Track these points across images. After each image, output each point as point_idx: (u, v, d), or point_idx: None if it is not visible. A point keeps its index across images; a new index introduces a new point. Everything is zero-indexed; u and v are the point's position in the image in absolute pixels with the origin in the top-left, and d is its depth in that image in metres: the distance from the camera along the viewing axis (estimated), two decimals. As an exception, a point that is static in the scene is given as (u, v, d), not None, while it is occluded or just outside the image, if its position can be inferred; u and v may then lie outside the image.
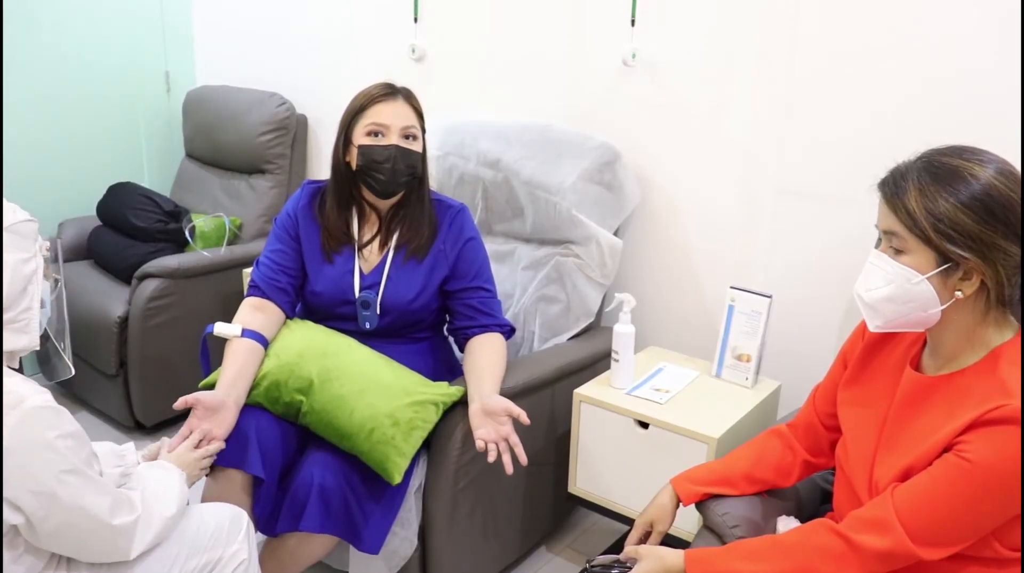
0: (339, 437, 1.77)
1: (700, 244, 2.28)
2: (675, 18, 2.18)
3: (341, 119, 1.94)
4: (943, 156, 1.21)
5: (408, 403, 1.78)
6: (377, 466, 1.75)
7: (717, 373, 2.06)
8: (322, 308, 1.96)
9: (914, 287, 1.21)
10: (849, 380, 1.44)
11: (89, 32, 3.10)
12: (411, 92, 1.95)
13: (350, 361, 1.83)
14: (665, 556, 1.34)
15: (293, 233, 1.97)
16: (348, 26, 2.92)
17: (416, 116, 1.92)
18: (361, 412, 1.74)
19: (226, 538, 1.52)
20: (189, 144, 3.28)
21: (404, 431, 1.76)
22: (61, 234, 3.06)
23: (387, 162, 1.86)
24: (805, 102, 2.02)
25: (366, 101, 1.89)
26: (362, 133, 1.88)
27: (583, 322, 2.25)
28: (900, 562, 1.20)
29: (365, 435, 1.73)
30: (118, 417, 2.79)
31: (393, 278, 1.94)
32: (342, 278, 1.94)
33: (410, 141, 1.90)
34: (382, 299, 1.93)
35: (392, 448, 1.74)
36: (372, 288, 1.93)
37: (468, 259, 1.99)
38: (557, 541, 2.34)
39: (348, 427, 1.75)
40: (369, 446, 1.74)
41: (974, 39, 1.77)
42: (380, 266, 1.95)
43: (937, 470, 1.18)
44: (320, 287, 1.94)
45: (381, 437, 1.73)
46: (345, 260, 1.95)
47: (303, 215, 1.98)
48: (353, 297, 1.93)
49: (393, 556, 1.87)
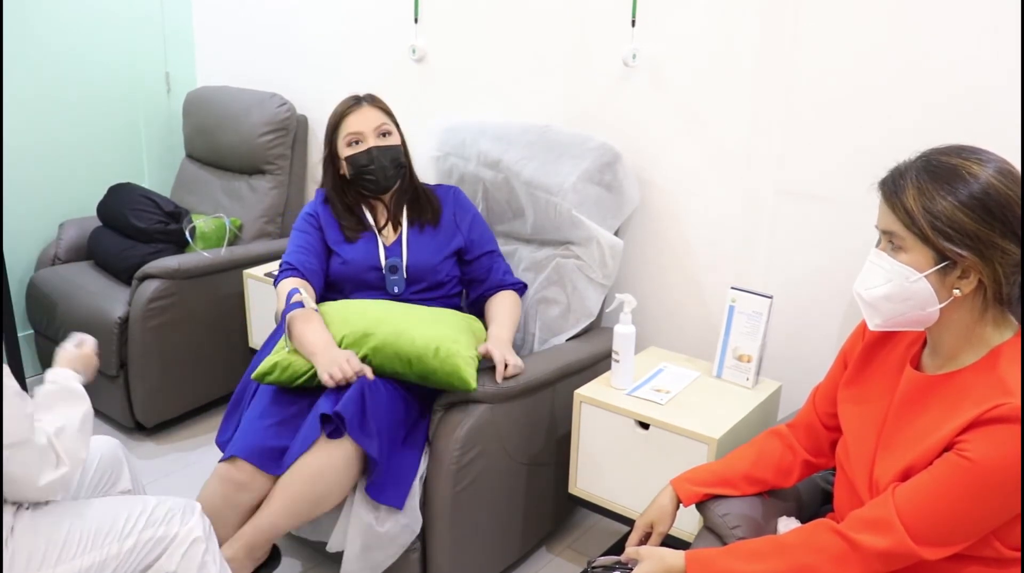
0: (408, 363, 1.88)
1: (701, 245, 2.28)
2: (675, 18, 2.18)
3: (324, 141, 2.16)
4: (942, 155, 1.22)
5: (458, 325, 1.99)
6: (451, 377, 1.87)
7: (718, 374, 2.06)
8: (352, 277, 2.11)
9: (912, 285, 1.21)
10: (849, 380, 1.44)
11: (89, 33, 3.11)
12: (375, 96, 2.17)
13: (392, 309, 2.01)
14: (666, 556, 1.34)
15: (316, 225, 2.15)
16: (348, 27, 2.92)
17: (385, 115, 2.14)
18: (422, 336, 1.88)
19: (180, 519, 1.56)
20: (189, 145, 3.28)
21: (466, 343, 1.93)
22: (61, 235, 3.06)
23: (371, 163, 2.10)
24: (805, 102, 2.02)
25: (338, 118, 2.13)
26: (344, 146, 2.12)
27: (583, 323, 2.25)
28: (901, 562, 1.20)
29: (432, 354, 1.86)
30: (118, 418, 2.79)
31: (414, 246, 2.14)
32: (368, 250, 2.13)
33: (385, 138, 2.12)
34: (407, 264, 2.11)
35: (460, 358, 1.88)
36: (396, 254, 2.12)
37: (479, 230, 2.23)
38: (557, 541, 2.34)
39: (414, 350, 1.87)
40: (439, 362, 1.86)
41: (974, 38, 1.77)
42: (399, 240, 2.15)
43: (938, 469, 1.18)
44: (349, 256, 2.12)
45: (447, 351, 1.87)
46: (367, 240, 2.14)
47: (323, 211, 2.17)
48: (379, 264, 2.11)
49: (392, 543, 1.87)
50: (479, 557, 2.04)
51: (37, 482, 1.41)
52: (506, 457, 2.01)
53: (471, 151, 2.40)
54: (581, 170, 2.21)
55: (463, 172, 2.42)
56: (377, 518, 1.84)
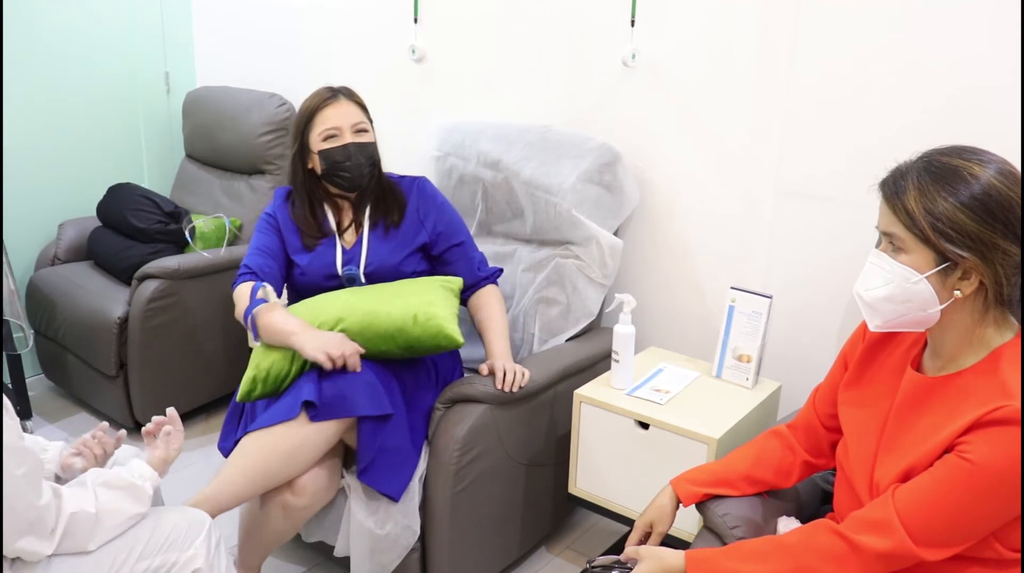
0: (391, 338, 1.86)
1: (700, 245, 2.28)
2: (675, 18, 2.18)
3: (293, 131, 2.08)
4: (943, 156, 1.21)
5: (428, 287, 1.96)
6: (436, 339, 1.86)
7: (717, 374, 2.06)
8: (310, 286, 2.04)
9: (913, 286, 1.21)
10: (850, 381, 1.43)
11: (89, 33, 3.10)
12: (351, 90, 2.09)
13: (359, 292, 1.97)
14: (666, 556, 1.34)
15: (276, 226, 2.08)
16: (348, 27, 2.92)
17: (361, 110, 2.07)
18: (397, 309, 1.86)
19: (182, 542, 1.49)
20: (189, 145, 3.28)
21: (441, 302, 1.91)
22: (61, 235, 3.06)
23: (348, 160, 2.01)
24: (805, 103, 2.02)
25: (313, 109, 2.03)
26: (318, 139, 2.02)
27: (583, 323, 2.25)
28: (901, 563, 1.20)
29: (411, 323, 1.85)
30: (118, 418, 2.78)
31: (373, 248, 2.06)
32: (325, 257, 2.05)
33: (362, 135, 2.04)
34: (365, 269, 2.03)
35: (440, 318, 1.86)
36: (353, 262, 2.04)
37: (445, 221, 2.13)
38: (557, 542, 2.34)
39: (393, 325, 1.85)
40: (420, 329, 1.85)
41: (974, 38, 1.77)
42: (358, 242, 2.07)
43: (938, 471, 1.18)
44: (306, 265, 2.05)
45: (426, 315, 1.85)
46: (326, 247, 2.06)
47: (282, 215, 2.09)
48: (336, 272, 2.03)
49: (395, 545, 1.87)
50: (479, 557, 2.04)
51: (12, 542, 1.30)
52: (506, 457, 2.01)
53: (471, 151, 2.40)
54: (581, 170, 2.21)
55: (463, 172, 2.42)
56: (376, 522, 1.84)
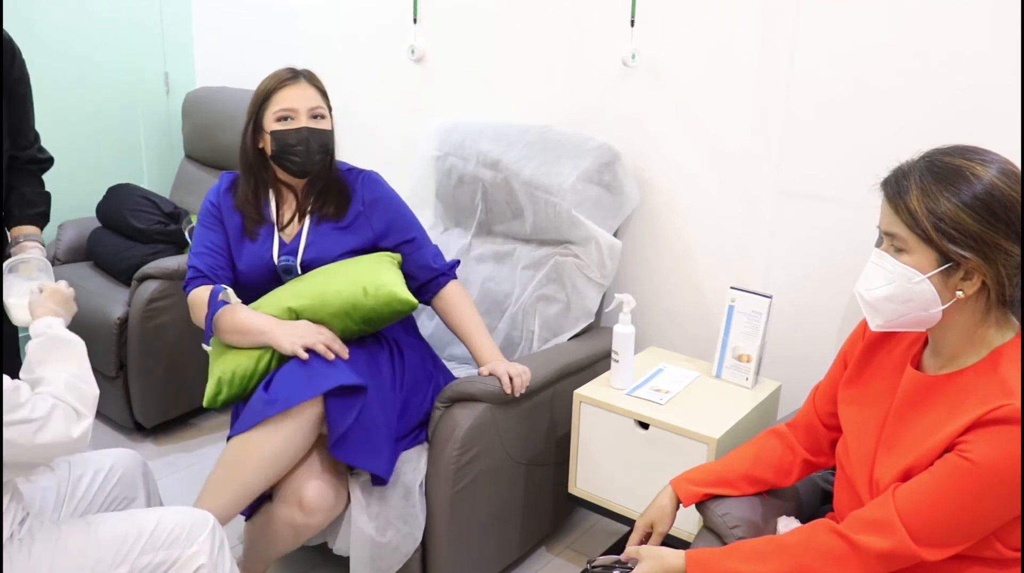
0: (347, 316, 1.85)
1: (700, 245, 2.28)
2: (675, 18, 2.18)
3: (248, 108, 2.00)
4: (945, 156, 1.21)
5: (368, 262, 1.94)
6: (390, 306, 1.86)
7: (717, 373, 2.06)
8: (248, 285, 1.99)
9: (915, 287, 1.21)
10: (849, 379, 1.43)
11: (89, 34, 3.10)
12: (313, 74, 2.02)
13: (301, 281, 1.94)
14: (666, 556, 1.34)
15: (219, 219, 2.02)
16: (347, 26, 2.92)
17: (321, 96, 2.00)
18: (343, 285, 1.86)
19: (185, 540, 1.49)
20: (188, 145, 3.28)
21: (387, 269, 1.90)
22: (61, 236, 3.06)
23: (300, 144, 1.94)
24: (805, 102, 2.02)
25: (271, 88, 1.97)
26: (272, 119, 1.95)
27: (583, 322, 2.25)
28: (902, 563, 1.20)
29: (362, 295, 1.84)
30: (118, 419, 2.78)
31: (312, 242, 1.99)
32: (262, 251, 1.99)
33: (318, 120, 1.97)
34: (302, 262, 1.98)
35: (390, 285, 1.86)
36: (291, 254, 1.98)
37: (391, 217, 2.06)
38: (557, 542, 2.34)
39: (344, 301, 1.84)
40: (373, 299, 1.84)
41: (974, 37, 1.77)
42: (298, 235, 2.01)
43: (939, 470, 1.18)
44: (243, 264, 2.00)
45: (375, 285, 1.85)
46: (265, 238, 2.01)
47: (224, 202, 2.03)
48: (273, 263, 1.98)
49: (395, 553, 1.87)
50: (479, 557, 2.04)
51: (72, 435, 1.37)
52: (506, 457, 2.00)
53: (470, 151, 2.39)
54: (580, 170, 2.20)
55: (462, 172, 2.42)
56: (377, 529, 1.84)
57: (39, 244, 2.01)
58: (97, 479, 1.63)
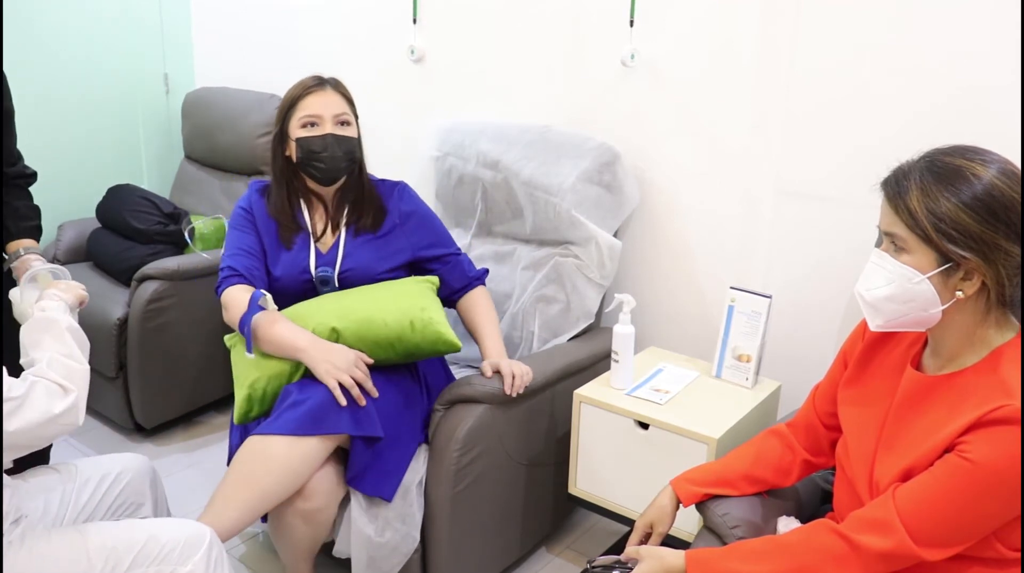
0: (390, 347, 1.85)
1: (700, 245, 2.28)
2: (674, 18, 2.18)
3: (275, 116, 2.02)
4: (946, 156, 1.21)
5: (414, 290, 1.93)
6: (436, 345, 1.87)
7: (717, 373, 2.06)
8: (283, 292, 1.99)
9: (915, 287, 1.21)
10: (849, 379, 1.43)
11: (88, 35, 3.10)
12: (339, 81, 2.03)
13: (344, 298, 1.92)
14: (666, 556, 1.34)
15: (252, 223, 2.02)
16: (347, 27, 2.92)
17: (347, 103, 2.01)
18: (391, 316, 1.85)
19: (178, 556, 1.47)
20: (188, 146, 3.28)
21: (432, 306, 1.90)
22: (60, 236, 3.06)
23: (325, 150, 1.94)
24: (805, 102, 2.02)
25: (297, 96, 1.98)
26: (297, 126, 1.96)
27: (583, 323, 2.25)
28: (902, 563, 1.20)
29: (409, 329, 1.84)
30: (118, 419, 2.79)
31: (350, 253, 2.00)
32: (299, 260, 1.99)
33: (344, 127, 1.97)
34: (340, 274, 1.98)
35: (436, 324, 1.87)
36: (329, 265, 1.99)
37: (428, 230, 2.10)
38: (557, 542, 2.34)
39: (391, 334, 1.84)
40: (419, 336, 1.85)
41: (973, 37, 1.77)
42: (335, 246, 2.01)
43: (939, 470, 1.18)
44: (279, 271, 1.99)
45: (422, 322, 1.85)
46: (301, 247, 2.00)
47: (257, 207, 2.03)
48: (310, 273, 1.98)
49: (395, 552, 1.87)
50: (479, 557, 2.04)
51: (53, 411, 1.36)
52: (506, 457, 2.00)
53: (470, 151, 2.39)
54: (580, 170, 2.20)
55: (462, 172, 2.42)
56: (376, 529, 1.84)
57: (40, 257, 2.01)
58: (104, 484, 1.63)
